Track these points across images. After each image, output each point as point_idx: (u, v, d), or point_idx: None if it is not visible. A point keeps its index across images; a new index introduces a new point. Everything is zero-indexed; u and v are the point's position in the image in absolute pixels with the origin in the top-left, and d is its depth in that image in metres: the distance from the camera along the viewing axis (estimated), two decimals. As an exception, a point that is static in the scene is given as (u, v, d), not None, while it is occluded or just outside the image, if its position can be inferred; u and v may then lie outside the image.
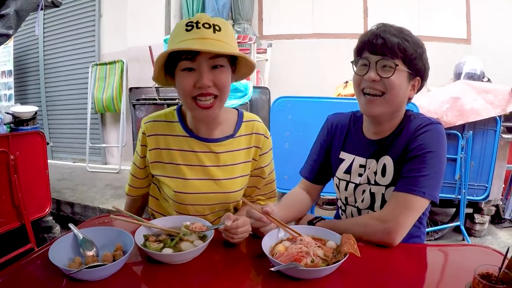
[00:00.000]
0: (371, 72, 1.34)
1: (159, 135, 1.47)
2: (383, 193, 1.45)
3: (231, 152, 1.49)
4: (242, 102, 3.48)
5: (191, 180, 1.46)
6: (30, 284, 1.08)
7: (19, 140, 3.12)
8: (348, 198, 1.59)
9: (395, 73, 1.32)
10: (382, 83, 1.34)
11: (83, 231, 1.24)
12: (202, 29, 1.23)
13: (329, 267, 1.04)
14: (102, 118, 6.28)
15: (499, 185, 3.49)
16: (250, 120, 1.54)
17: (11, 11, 3.13)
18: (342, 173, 1.58)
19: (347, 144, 1.60)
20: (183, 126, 1.47)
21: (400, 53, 1.31)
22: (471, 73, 3.79)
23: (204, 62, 1.26)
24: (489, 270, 0.88)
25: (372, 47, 1.35)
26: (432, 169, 1.32)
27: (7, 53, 6.73)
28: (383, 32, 1.33)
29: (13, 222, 3.08)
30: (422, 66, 1.37)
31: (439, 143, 1.35)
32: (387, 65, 1.33)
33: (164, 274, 1.10)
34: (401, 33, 1.33)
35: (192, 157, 1.46)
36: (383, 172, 1.44)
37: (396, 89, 1.34)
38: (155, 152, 1.48)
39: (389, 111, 1.41)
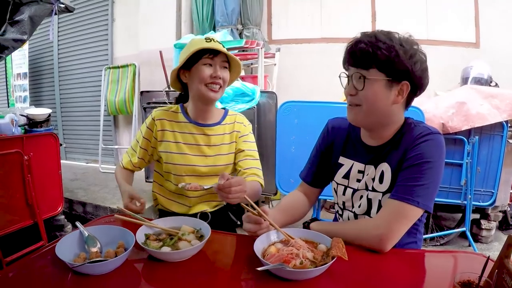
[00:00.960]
0: (349, 86, 1.38)
1: (165, 120, 1.88)
2: (380, 200, 1.46)
3: (219, 135, 1.90)
4: (249, 106, 3.52)
5: (188, 155, 1.85)
6: (38, 277, 1.15)
7: (33, 141, 3.21)
8: (345, 203, 1.60)
9: (367, 85, 1.32)
10: (358, 96, 1.36)
11: (88, 229, 1.32)
12: (216, 43, 1.74)
13: (316, 269, 1.08)
14: (115, 120, 6.39)
15: (506, 191, 3.44)
16: (233, 114, 1.99)
17: (25, 17, 3.21)
18: (340, 178, 1.60)
19: (347, 149, 1.60)
20: (185, 115, 1.90)
21: (372, 62, 1.31)
22: (478, 78, 3.76)
23: (218, 62, 1.75)
24: (470, 278, 0.88)
25: (349, 59, 1.38)
26: (428, 179, 1.32)
27: (22, 56, 6.85)
28: (355, 44, 1.34)
29: (26, 220, 3.16)
30: (405, 68, 1.30)
31: (437, 154, 1.35)
32: (360, 77, 1.33)
33: (162, 271, 1.16)
34: (375, 40, 1.30)
35: (190, 137, 1.87)
36: (380, 179, 1.45)
37: (371, 100, 1.34)
38: (161, 132, 1.87)
39: (372, 120, 1.41)
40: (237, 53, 4.70)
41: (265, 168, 3.79)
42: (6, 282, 1.10)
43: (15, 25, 3.20)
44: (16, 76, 7.07)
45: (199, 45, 1.70)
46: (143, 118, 4.64)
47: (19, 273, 1.15)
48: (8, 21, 3.18)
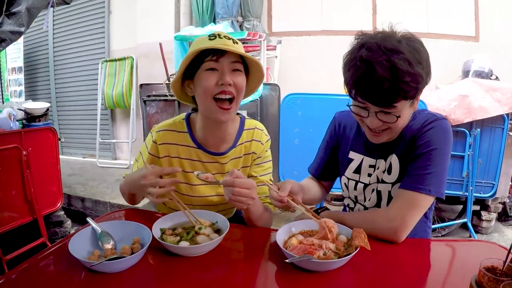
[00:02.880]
0: (373, 120, 1.31)
1: (170, 144, 1.57)
2: (389, 191, 1.46)
3: (233, 159, 1.62)
4: (252, 98, 3.50)
5: (197, 185, 1.60)
6: (50, 277, 1.12)
7: (31, 136, 3.17)
8: (358, 197, 1.60)
9: (399, 119, 1.29)
10: (386, 125, 1.32)
11: (101, 225, 1.28)
12: (224, 39, 1.37)
13: (341, 259, 1.08)
14: (112, 114, 6.34)
15: (506, 183, 3.49)
16: (250, 128, 1.64)
17: (22, 9, 3.15)
18: (351, 172, 1.59)
19: (356, 144, 1.60)
20: (192, 138, 1.58)
21: (400, 98, 1.23)
22: (479, 71, 3.78)
23: (226, 64, 1.37)
24: (494, 264, 0.89)
25: (367, 97, 1.27)
26: (437, 167, 1.32)
27: (17, 50, 6.76)
28: (376, 81, 1.21)
29: (25, 217, 3.13)
30: (424, 83, 1.27)
31: (444, 140, 1.35)
32: (389, 112, 1.28)
33: (180, 266, 1.13)
34: (397, 73, 1.19)
35: (200, 166, 1.59)
36: (389, 170, 1.46)
37: (402, 123, 1.34)
38: (166, 159, 1.58)
39: (396, 134, 1.42)
40: (238, 46, 4.67)
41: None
42: (16, 283, 1.06)
43: (12, 17, 3.14)
44: (11, 71, 6.99)
45: (199, 45, 1.37)
46: (141, 111, 4.59)
47: (28, 274, 1.12)
48: (5, 13, 3.12)
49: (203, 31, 4.42)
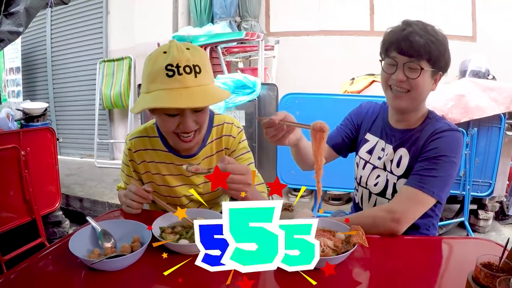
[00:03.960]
0: (399, 73, 1.44)
1: (143, 150, 1.61)
2: (395, 183, 1.55)
3: (206, 159, 1.62)
4: (250, 98, 3.52)
5: (175, 187, 1.63)
6: (50, 277, 1.13)
7: (30, 136, 3.17)
8: (362, 178, 1.69)
9: (421, 75, 1.41)
10: (408, 82, 1.44)
11: (101, 224, 1.29)
12: (183, 75, 1.27)
13: (339, 256, 1.09)
14: (110, 114, 6.33)
15: (503, 182, 3.51)
16: (219, 124, 1.63)
17: (21, 9, 3.16)
18: (364, 152, 1.70)
19: (374, 127, 1.70)
20: (163, 142, 1.59)
21: (426, 55, 1.39)
22: (476, 71, 3.80)
23: (188, 109, 1.35)
24: (490, 260, 0.91)
25: (399, 48, 1.43)
26: (444, 172, 1.40)
27: (15, 50, 6.75)
28: (410, 34, 1.39)
29: (24, 217, 3.13)
30: (445, 62, 1.45)
31: (455, 150, 1.43)
32: (413, 67, 1.41)
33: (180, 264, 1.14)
34: (427, 34, 1.39)
35: (174, 168, 1.61)
36: (398, 163, 1.54)
37: (421, 88, 1.44)
38: (143, 165, 1.63)
39: (415, 105, 1.51)
40: (235, 45, 4.68)
41: (266, 160, 3.84)
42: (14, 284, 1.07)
43: (10, 17, 3.15)
44: (9, 71, 6.97)
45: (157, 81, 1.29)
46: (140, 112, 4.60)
47: (28, 273, 1.12)
48: (3, 13, 3.14)
49: (201, 32, 4.44)
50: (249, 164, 1.65)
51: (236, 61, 5.46)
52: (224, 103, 3.43)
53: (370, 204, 1.67)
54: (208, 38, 4.10)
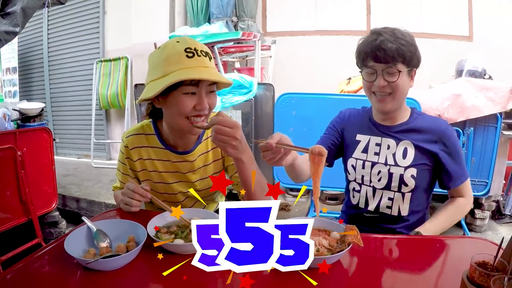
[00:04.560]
0: (380, 80, 1.57)
1: (140, 147, 1.64)
2: (402, 174, 1.64)
3: (202, 155, 1.66)
4: (247, 98, 3.52)
5: (171, 183, 1.66)
6: (46, 276, 1.13)
7: (26, 136, 3.17)
8: (364, 177, 1.74)
9: (400, 77, 1.56)
10: (389, 86, 1.58)
11: (96, 224, 1.29)
12: (202, 57, 1.38)
13: (334, 255, 1.09)
14: (107, 114, 6.31)
15: (499, 181, 3.52)
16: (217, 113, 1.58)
17: (17, 9, 3.14)
18: (359, 152, 1.76)
19: (361, 127, 1.79)
20: (160, 139, 1.62)
21: (400, 58, 1.53)
22: (472, 71, 3.80)
23: (204, 88, 1.40)
24: (485, 259, 0.92)
25: (375, 57, 1.56)
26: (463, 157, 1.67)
27: (11, 50, 6.72)
28: (382, 43, 1.53)
29: (20, 217, 3.13)
30: (417, 59, 1.60)
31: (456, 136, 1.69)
32: (391, 72, 1.55)
33: (175, 264, 1.14)
34: (397, 38, 1.53)
35: (170, 165, 1.64)
36: (404, 155, 1.65)
37: (401, 88, 1.59)
38: (139, 162, 1.66)
39: (398, 105, 1.65)
40: (232, 45, 4.68)
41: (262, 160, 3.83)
42: (10, 284, 1.06)
43: (7, 17, 3.13)
44: (5, 71, 6.95)
45: (177, 63, 1.35)
46: (136, 112, 4.59)
47: (23, 274, 1.12)
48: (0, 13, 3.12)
49: (198, 31, 4.43)
50: None
51: (232, 61, 5.46)
52: (221, 103, 3.42)
53: (376, 200, 1.73)
54: (205, 38, 4.09)
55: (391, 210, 1.70)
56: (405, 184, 1.64)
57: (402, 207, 1.69)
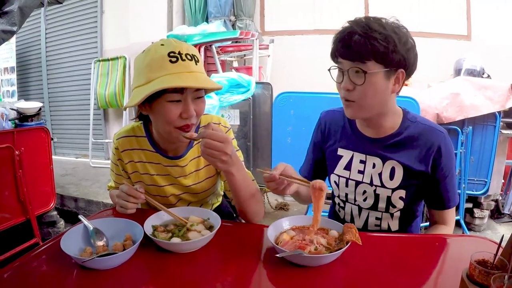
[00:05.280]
0: (345, 81, 1.33)
1: (130, 149, 1.58)
2: (389, 196, 1.47)
3: (193, 159, 1.59)
4: (245, 97, 3.51)
5: (164, 186, 1.60)
6: (42, 275, 1.12)
7: (24, 136, 3.15)
8: (348, 195, 1.59)
9: (367, 79, 1.28)
10: (356, 90, 1.32)
11: (93, 222, 1.27)
12: (186, 61, 1.30)
13: (332, 254, 1.08)
14: (105, 113, 6.31)
15: (498, 180, 3.52)
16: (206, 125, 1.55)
17: (15, 8, 3.13)
18: (342, 169, 1.57)
19: (344, 140, 1.58)
20: (150, 142, 1.57)
21: (370, 55, 1.25)
22: (471, 70, 3.82)
23: (190, 94, 1.33)
24: (485, 257, 0.90)
25: (341, 52, 1.31)
26: (454, 179, 1.49)
27: (9, 49, 6.71)
28: (348, 35, 1.27)
29: (18, 217, 3.11)
30: (401, 56, 1.28)
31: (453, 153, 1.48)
32: (359, 71, 1.28)
33: (172, 262, 1.13)
34: (370, 30, 1.24)
35: (161, 169, 1.58)
36: (391, 176, 1.46)
37: (370, 94, 1.31)
38: (130, 164, 1.60)
39: (372, 113, 1.40)
40: (230, 44, 4.68)
41: (260, 159, 3.83)
42: (6, 283, 1.06)
43: (4, 16, 3.12)
44: (3, 71, 6.94)
45: (160, 69, 1.28)
46: (134, 111, 4.58)
47: (19, 273, 1.11)
48: (-3, 12, 3.11)
49: (195, 30, 4.43)
50: None
51: (230, 60, 5.46)
52: (218, 102, 3.42)
53: (362, 219, 1.58)
54: (203, 37, 4.09)
55: (380, 227, 1.57)
56: (393, 206, 1.49)
57: (391, 223, 1.55)
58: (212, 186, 1.67)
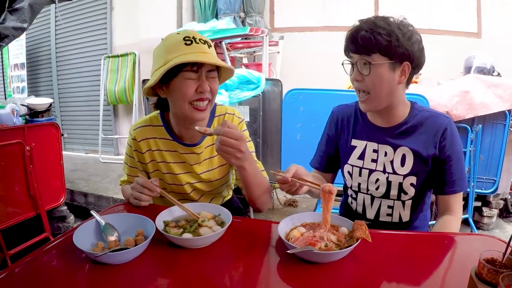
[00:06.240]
0: (355, 73, 1.46)
1: (148, 139, 1.65)
2: (401, 182, 1.54)
3: (208, 146, 1.67)
4: (255, 94, 3.52)
5: (179, 174, 1.66)
6: (54, 270, 1.13)
7: (35, 132, 3.19)
8: (361, 184, 1.65)
9: (372, 70, 1.40)
10: (365, 82, 1.45)
11: (105, 217, 1.29)
12: (200, 44, 1.43)
13: (342, 251, 1.09)
14: (115, 109, 6.35)
15: (507, 179, 3.49)
16: (220, 114, 1.70)
17: (25, 5, 3.15)
18: (355, 159, 1.65)
19: (357, 132, 1.67)
20: (168, 131, 1.64)
21: (374, 48, 1.38)
22: (481, 67, 3.79)
23: (204, 73, 1.44)
24: (493, 256, 0.91)
25: (349, 47, 1.45)
26: (462, 164, 1.53)
27: (19, 46, 6.77)
28: (356, 31, 1.41)
29: (28, 212, 3.16)
30: (405, 50, 1.39)
31: (459, 139, 1.54)
32: (365, 63, 1.41)
33: (184, 258, 1.15)
34: (375, 27, 1.38)
35: (178, 156, 1.65)
36: (402, 163, 1.54)
37: (378, 85, 1.43)
38: (148, 153, 1.66)
39: (383, 104, 1.50)
40: (240, 41, 4.68)
41: (270, 156, 3.84)
42: (18, 278, 1.07)
43: (14, 13, 3.14)
44: (13, 67, 7.00)
45: (176, 51, 1.40)
46: (144, 107, 4.61)
47: (33, 267, 1.13)
48: (7, 9, 3.13)
49: (205, 27, 4.44)
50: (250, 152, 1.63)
51: (240, 57, 5.47)
52: (228, 99, 3.43)
53: (374, 208, 1.65)
54: (213, 33, 4.09)
55: (392, 218, 1.63)
56: (404, 193, 1.56)
57: (403, 213, 1.61)
58: (225, 176, 1.74)
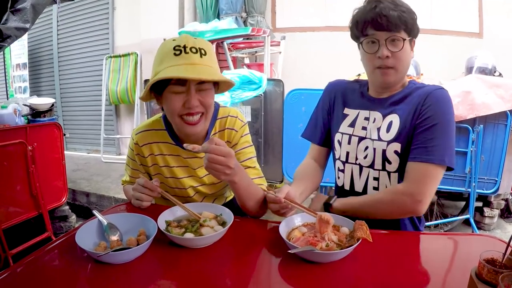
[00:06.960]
0: (383, 50, 1.44)
1: (151, 143, 1.62)
2: (384, 149, 1.50)
3: None
4: (256, 94, 3.53)
5: (182, 178, 1.63)
6: (56, 270, 1.14)
7: (37, 131, 3.20)
8: (349, 153, 1.62)
9: (405, 46, 1.45)
10: (393, 56, 1.45)
11: (107, 217, 1.29)
12: (190, 54, 1.34)
13: (343, 251, 1.09)
14: (116, 109, 6.37)
15: (509, 179, 3.47)
16: (223, 116, 1.62)
17: (27, 5, 3.16)
18: (346, 126, 1.64)
19: (351, 101, 1.67)
20: (170, 135, 1.60)
21: (403, 26, 1.41)
22: (482, 68, 3.78)
23: (193, 86, 1.37)
24: (493, 256, 0.91)
25: (377, 25, 1.43)
26: (446, 136, 1.39)
27: (21, 46, 6.78)
28: (383, 9, 1.40)
29: (31, 211, 3.17)
30: (417, 28, 1.48)
31: (449, 109, 1.43)
32: (395, 40, 1.43)
33: (185, 257, 1.15)
34: (397, 6, 1.41)
35: (181, 160, 1.62)
36: (388, 129, 1.51)
37: (405, 59, 1.48)
38: (150, 157, 1.63)
39: (402, 76, 1.54)
40: (241, 41, 4.68)
41: (271, 155, 3.85)
42: (20, 277, 1.08)
43: (17, 13, 3.15)
44: (16, 67, 7.01)
45: (165, 62, 1.35)
46: (146, 107, 4.62)
47: (35, 267, 1.13)
48: (10, 10, 3.13)
49: (207, 27, 4.44)
50: (250, 158, 1.63)
51: (242, 57, 5.47)
52: (230, 99, 3.43)
53: (362, 180, 1.59)
54: (214, 33, 4.10)
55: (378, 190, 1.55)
56: (388, 162, 1.50)
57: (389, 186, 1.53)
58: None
